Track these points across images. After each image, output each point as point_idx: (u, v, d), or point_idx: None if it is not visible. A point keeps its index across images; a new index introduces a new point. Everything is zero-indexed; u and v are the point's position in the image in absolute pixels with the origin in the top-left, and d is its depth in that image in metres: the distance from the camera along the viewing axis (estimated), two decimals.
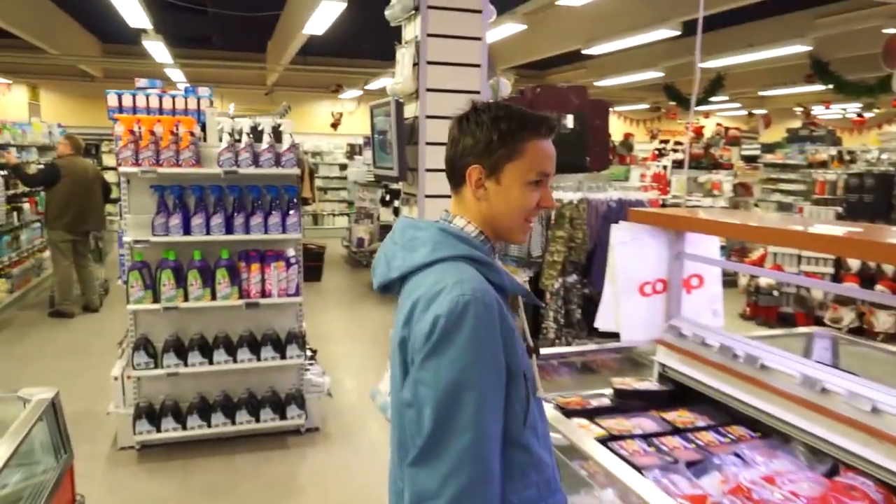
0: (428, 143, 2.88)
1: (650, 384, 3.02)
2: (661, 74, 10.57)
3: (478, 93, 2.88)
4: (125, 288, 3.87)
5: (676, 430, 2.55)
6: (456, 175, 1.33)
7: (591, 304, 6.13)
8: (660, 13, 7.27)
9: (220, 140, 3.91)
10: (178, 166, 3.81)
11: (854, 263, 6.97)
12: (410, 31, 3.02)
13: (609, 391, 3.00)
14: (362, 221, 11.09)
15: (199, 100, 4.16)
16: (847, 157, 11.17)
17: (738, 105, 15.39)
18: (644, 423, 2.63)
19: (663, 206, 7.80)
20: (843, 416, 2.13)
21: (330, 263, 10.41)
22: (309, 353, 4.56)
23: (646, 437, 2.47)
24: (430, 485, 1.18)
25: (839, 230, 2.48)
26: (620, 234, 3.07)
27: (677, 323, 3.04)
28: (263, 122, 3.97)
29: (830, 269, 7.15)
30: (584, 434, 2.42)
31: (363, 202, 11.37)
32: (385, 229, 9.73)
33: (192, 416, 3.98)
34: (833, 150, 11.41)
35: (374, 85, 13.32)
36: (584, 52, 8.99)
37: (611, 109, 6.39)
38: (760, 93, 12.86)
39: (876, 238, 1.98)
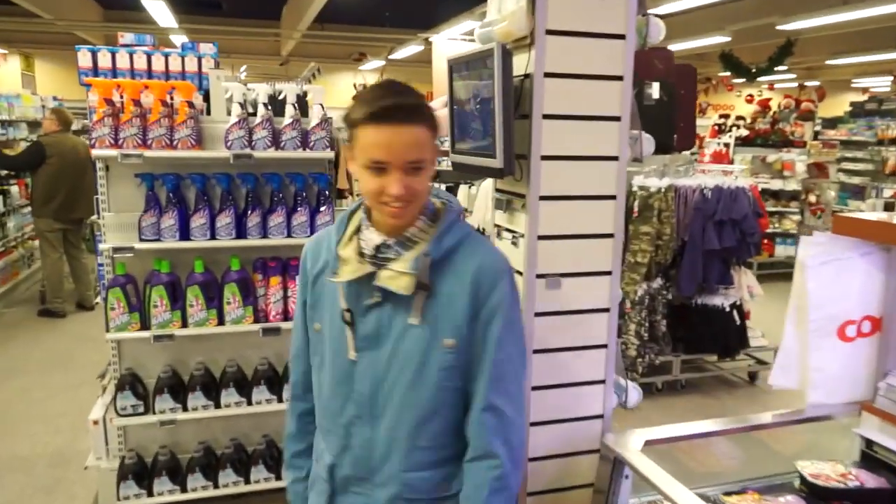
0: (546, 117, 1.84)
1: (862, 474, 2.04)
2: (728, 39, 9.39)
3: (622, 37, 1.87)
4: (104, 307, 2.93)
5: None
6: None
7: (673, 313, 5.16)
8: None
9: (229, 113, 2.91)
10: (173, 148, 2.83)
11: None
12: None
13: (792, 477, 2.06)
14: None
15: (199, 59, 3.15)
16: None
17: (792, 76, 14.11)
18: None
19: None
20: None
21: None
22: None
23: None
24: None
25: None
26: (816, 251, 2.06)
27: None
28: (285, 90, 2.97)
29: None
30: None
31: None
32: None
33: (194, 474, 3.06)
34: None
35: (398, 54, 12.26)
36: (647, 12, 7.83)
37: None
38: (828, 61, 11.63)
39: None
